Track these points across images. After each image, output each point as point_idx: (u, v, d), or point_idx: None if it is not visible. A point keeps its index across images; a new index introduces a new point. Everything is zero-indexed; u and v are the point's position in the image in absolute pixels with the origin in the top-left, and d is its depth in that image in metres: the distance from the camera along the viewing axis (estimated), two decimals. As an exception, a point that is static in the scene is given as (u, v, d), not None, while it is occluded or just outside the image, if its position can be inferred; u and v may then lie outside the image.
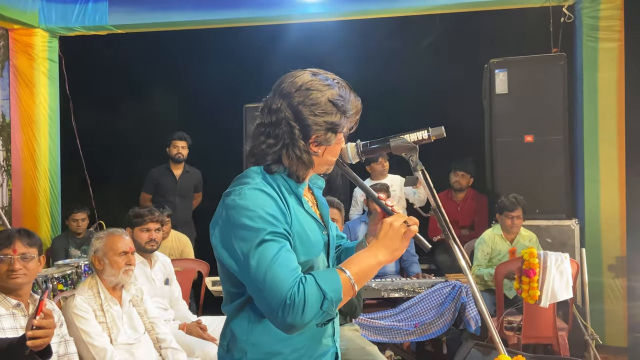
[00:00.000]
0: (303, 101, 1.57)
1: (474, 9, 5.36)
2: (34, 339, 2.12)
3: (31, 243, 2.65)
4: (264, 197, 1.52)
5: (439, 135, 1.69)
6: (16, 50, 5.78)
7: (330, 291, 1.45)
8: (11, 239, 2.61)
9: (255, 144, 1.62)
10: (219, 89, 6.16)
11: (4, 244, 2.59)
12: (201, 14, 5.62)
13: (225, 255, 1.53)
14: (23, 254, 2.60)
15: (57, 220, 5.93)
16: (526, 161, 4.91)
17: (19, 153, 5.82)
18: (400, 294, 4.16)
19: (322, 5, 5.43)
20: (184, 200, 5.80)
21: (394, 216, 1.58)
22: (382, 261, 1.54)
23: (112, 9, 5.63)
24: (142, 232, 3.75)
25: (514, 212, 4.49)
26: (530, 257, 3.74)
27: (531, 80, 4.95)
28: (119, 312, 3.07)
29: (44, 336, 2.15)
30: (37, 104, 5.81)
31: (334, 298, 1.46)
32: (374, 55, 5.99)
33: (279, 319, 1.44)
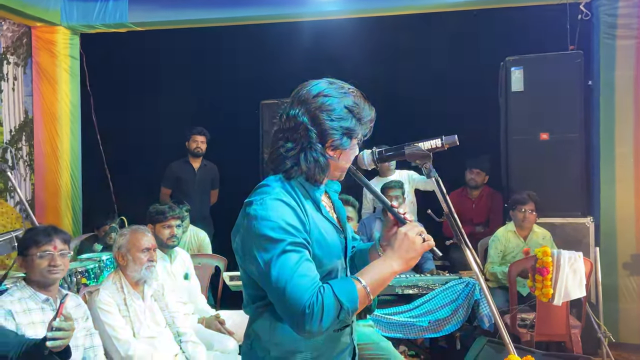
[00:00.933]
0: (320, 107, 1.64)
1: (489, 6, 5.36)
2: (53, 340, 2.22)
3: (66, 240, 2.78)
4: (284, 207, 1.59)
5: (452, 144, 1.74)
6: (39, 47, 5.90)
7: (346, 301, 1.53)
8: (51, 236, 2.72)
9: (274, 149, 1.69)
10: (235, 85, 6.24)
11: (45, 241, 2.70)
12: (218, 12, 5.69)
13: (247, 262, 1.61)
14: (61, 250, 2.73)
15: (79, 214, 6.06)
16: (542, 159, 4.92)
17: (42, 148, 5.95)
18: (414, 290, 4.21)
19: (336, 3, 5.46)
20: (202, 195, 5.93)
21: (408, 226, 1.64)
22: (396, 270, 1.61)
23: (132, 7, 5.72)
24: (164, 229, 3.85)
25: (526, 205, 4.52)
26: (544, 255, 3.77)
27: (547, 78, 4.94)
28: (141, 307, 3.18)
29: (63, 337, 2.25)
30: (59, 100, 5.93)
31: (350, 307, 1.54)
32: (388, 53, 6.01)
33: (298, 326, 1.53)
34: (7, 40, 5.67)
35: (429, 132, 1.96)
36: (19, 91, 5.83)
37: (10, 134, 5.71)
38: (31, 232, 2.79)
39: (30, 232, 2.80)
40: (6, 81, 5.65)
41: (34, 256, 2.69)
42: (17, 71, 5.81)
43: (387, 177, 5.46)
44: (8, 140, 5.66)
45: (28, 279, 2.73)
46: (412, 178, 5.54)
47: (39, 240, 2.71)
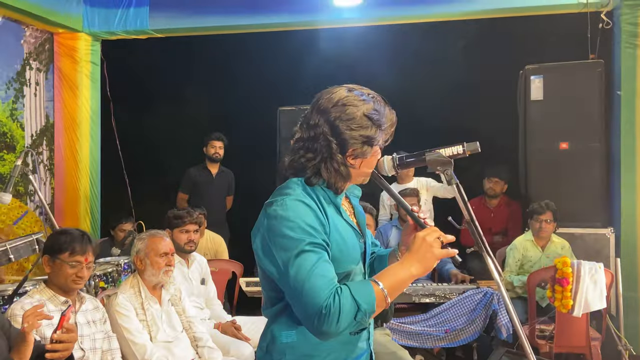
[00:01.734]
0: (340, 116, 1.64)
1: (509, 14, 5.33)
2: (52, 352, 2.22)
3: (94, 252, 2.79)
4: (304, 208, 1.59)
5: (474, 151, 1.73)
6: (60, 53, 5.99)
7: (364, 303, 1.52)
8: (86, 247, 2.72)
9: (295, 157, 1.69)
10: (253, 91, 6.27)
11: (79, 252, 2.70)
12: (238, 19, 5.74)
13: (266, 262, 1.61)
14: (89, 262, 2.74)
15: (97, 218, 6.12)
16: (561, 168, 4.88)
17: (62, 153, 6.03)
18: (431, 299, 4.18)
19: (355, 10, 5.47)
20: (219, 200, 5.97)
21: (426, 230, 1.63)
22: (414, 274, 1.59)
23: (152, 14, 5.79)
24: (182, 233, 3.87)
25: (543, 215, 4.48)
26: (564, 266, 3.73)
27: (567, 87, 4.90)
28: (158, 311, 3.19)
29: (62, 350, 2.25)
30: (79, 106, 6.00)
31: (367, 310, 1.52)
32: (407, 60, 6.00)
33: (315, 326, 1.51)
34: (30, 46, 5.75)
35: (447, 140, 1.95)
36: (41, 96, 5.91)
37: (31, 138, 5.79)
38: (67, 237, 2.73)
39: (65, 235, 2.74)
40: (28, 86, 5.74)
41: (64, 263, 2.68)
42: (39, 76, 5.90)
43: (406, 183, 5.44)
44: (29, 144, 5.74)
45: (49, 281, 2.75)
46: (431, 185, 5.52)
47: (74, 247, 2.69)
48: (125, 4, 5.81)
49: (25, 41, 5.69)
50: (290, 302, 1.58)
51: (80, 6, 5.82)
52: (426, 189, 5.46)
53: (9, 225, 5.30)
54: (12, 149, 5.51)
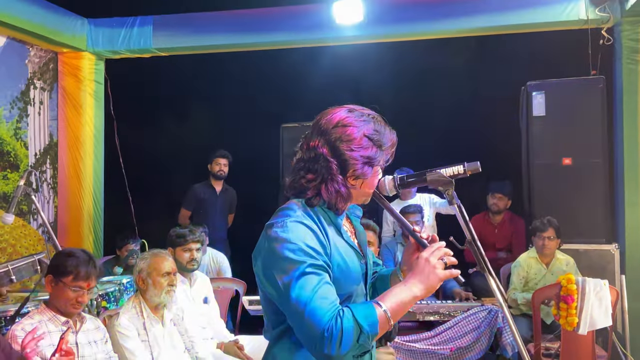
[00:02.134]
0: (340, 137, 1.64)
1: (510, 31, 5.36)
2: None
3: (98, 277, 2.79)
4: (305, 229, 1.58)
5: (475, 170, 1.73)
6: (65, 72, 6.03)
7: (367, 325, 1.50)
8: (90, 276, 2.71)
9: (295, 178, 1.69)
10: (256, 108, 6.30)
11: (83, 277, 2.69)
12: (241, 37, 5.78)
13: (267, 285, 1.60)
14: (91, 287, 2.74)
15: (100, 236, 6.11)
16: (564, 184, 4.86)
17: (65, 171, 6.04)
18: (435, 317, 4.16)
19: (357, 28, 5.50)
20: (222, 218, 5.97)
21: (429, 250, 1.62)
22: (418, 296, 1.58)
23: (156, 33, 5.83)
24: (184, 252, 3.86)
25: (545, 232, 4.46)
26: (568, 283, 3.69)
27: (569, 103, 4.91)
28: (160, 331, 3.17)
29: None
30: (83, 124, 6.03)
31: (370, 332, 1.51)
32: (409, 77, 6.03)
33: (317, 350, 1.50)
34: (34, 65, 5.80)
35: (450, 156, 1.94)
36: (45, 115, 5.95)
37: (35, 157, 5.81)
38: (73, 260, 2.71)
39: (71, 258, 2.72)
40: (32, 105, 5.78)
41: (66, 286, 2.68)
42: (44, 96, 5.94)
43: (408, 200, 5.43)
44: (33, 163, 5.76)
45: (49, 301, 2.75)
46: (433, 202, 5.51)
47: (79, 272, 2.68)
48: (129, 24, 5.86)
49: (30, 61, 5.74)
50: (291, 324, 1.57)
51: (84, 26, 5.88)
52: (429, 206, 5.45)
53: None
54: (16, 167, 5.53)
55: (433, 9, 5.42)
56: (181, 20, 5.87)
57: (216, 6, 5.78)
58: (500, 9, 5.23)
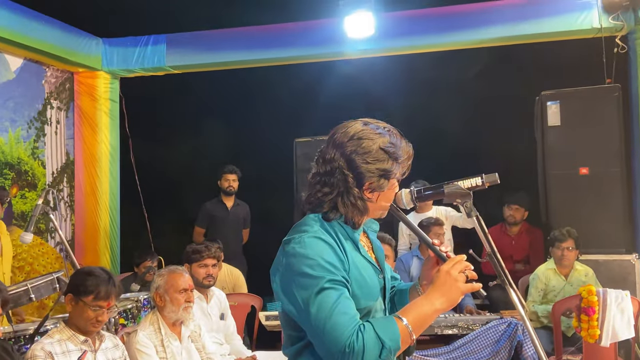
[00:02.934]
0: (355, 150, 1.63)
1: (523, 41, 5.35)
2: None
3: (118, 295, 2.77)
4: (323, 245, 1.58)
5: (493, 182, 1.71)
6: (80, 92, 6.12)
7: (388, 340, 1.49)
8: (110, 295, 2.70)
9: (312, 192, 1.68)
10: (269, 123, 6.32)
11: (104, 297, 2.68)
12: (253, 54, 5.83)
13: (285, 301, 1.59)
14: (111, 307, 2.74)
15: (117, 253, 6.15)
16: (582, 194, 4.82)
17: (82, 189, 6.10)
18: (454, 330, 4.10)
19: (369, 41, 5.52)
20: (235, 233, 5.97)
21: (449, 263, 1.61)
22: (439, 309, 1.56)
23: (169, 51, 5.91)
24: (200, 268, 3.86)
25: (564, 242, 4.40)
26: (589, 294, 3.65)
27: (585, 112, 4.88)
28: (178, 348, 3.17)
29: None
30: (99, 142, 6.10)
31: (392, 347, 1.49)
32: (422, 89, 6.03)
33: None
34: (51, 85, 5.89)
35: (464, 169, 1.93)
36: (61, 134, 6.02)
37: (52, 175, 5.87)
38: (93, 279, 2.70)
39: (92, 278, 2.71)
40: (49, 125, 5.85)
41: (86, 305, 2.67)
42: (60, 115, 6.01)
43: (425, 212, 5.39)
44: (50, 181, 5.83)
45: (69, 320, 2.75)
46: (450, 215, 5.46)
47: (99, 292, 2.67)
48: (143, 43, 5.94)
49: (47, 81, 5.83)
50: (312, 341, 1.56)
51: (99, 46, 5.97)
52: (445, 218, 5.41)
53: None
54: (34, 187, 5.59)
55: (444, 21, 5.43)
56: (194, 38, 5.94)
57: (228, 23, 5.85)
58: (512, 19, 5.22)
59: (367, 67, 6.00)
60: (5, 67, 5.30)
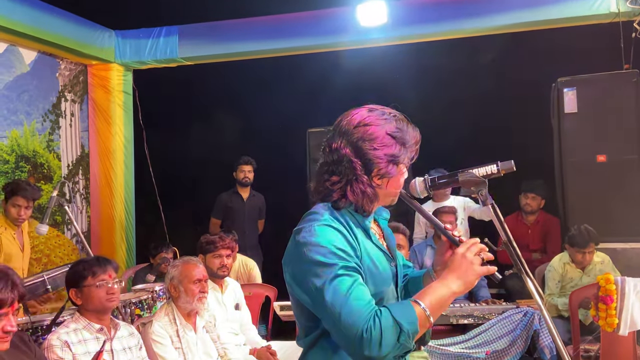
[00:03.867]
0: (362, 137, 1.61)
1: (538, 27, 5.27)
2: None
3: (117, 269, 2.84)
4: (334, 233, 1.56)
5: (509, 170, 1.68)
6: (94, 84, 6.14)
7: (406, 323, 1.47)
8: (105, 266, 2.78)
9: (320, 182, 1.67)
10: (282, 114, 6.30)
11: (100, 270, 2.75)
12: (265, 44, 5.81)
13: (299, 291, 1.58)
14: (115, 278, 2.78)
15: (132, 245, 6.19)
16: (599, 181, 4.74)
17: (97, 181, 6.15)
18: (469, 320, 4.08)
19: (381, 30, 5.48)
20: (251, 224, 5.98)
21: (464, 246, 1.59)
22: (455, 292, 1.54)
23: (181, 43, 5.91)
24: (214, 259, 3.86)
25: (586, 248, 4.30)
26: (607, 283, 3.58)
27: (602, 98, 4.79)
28: (193, 338, 3.18)
29: None
30: (113, 135, 6.13)
31: (410, 330, 1.47)
32: (435, 78, 5.97)
33: (357, 352, 1.46)
34: (65, 78, 5.92)
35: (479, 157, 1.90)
36: (76, 127, 6.06)
37: (67, 168, 5.92)
38: (83, 264, 2.81)
39: (80, 264, 2.82)
40: (64, 118, 5.89)
41: (91, 286, 2.72)
42: (74, 108, 6.05)
43: (442, 202, 5.35)
44: (66, 174, 5.87)
45: (82, 310, 2.77)
46: (468, 205, 5.40)
47: (94, 270, 2.75)
48: (155, 35, 5.94)
49: (60, 74, 5.86)
50: (328, 329, 1.54)
51: (112, 38, 5.98)
52: (463, 208, 5.36)
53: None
54: (50, 179, 5.63)
55: (457, 8, 5.35)
56: (206, 29, 5.93)
57: (240, 14, 5.83)
58: (527, 5, 5.15)
59: (380, 56, 5.96)
60: (20, 61, 5.34)
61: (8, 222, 4.14)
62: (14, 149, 5.23)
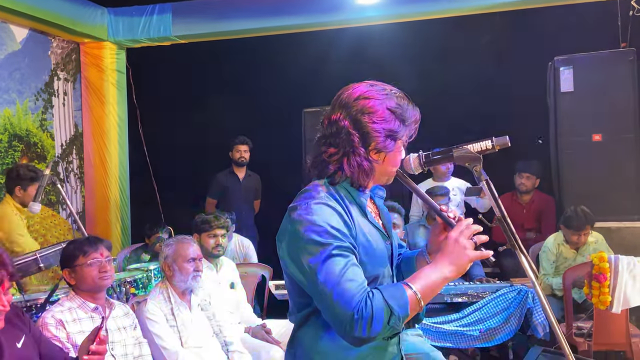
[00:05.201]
0: (361, 110, 1.60)
1: (535, 5, 5.22)
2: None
3: (109, 247, 2.86)
4: (330, 211, 1.55)
5: (504, 145, 1.67)
6: (87, 63, 6.07)
7: (397, 307, 1.47)
8: (96, 244, 2.79)
9: (317, 154, 1.66)
10: (278, 94, 6.26)
11: (91, 249, 2.76)
12: (260, 22, 5.74)
13: (292, 268, 1.57)
14: (107, 257, 2.78)
15: (127, 225, 6.18)
16: (595, 161, 4.75)
17: (91, 161, 6.11)
18: (463, 298, 4.11)
19: (378, 8, 5.42)
20: (247, 204, 5.98)
21: (457, 229, 1.58)
22: (448, 277, 1.54)
23: (175, 21, 5.83)
24: (209, 238, 3.86)
25: (583, 230, 4.31)
26: (601, 261, 3.61)
27: (599, 77, 4.77)
28: (188, 316, 3.19)
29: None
30: (106, 114, 6.08)
31: (401, 314, 1.48)
32: (432, 56, 5.92)
33: (347, 332, 1.47)
34: (57, 57, 5.85)
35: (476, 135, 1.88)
36: (69, 106, 6.01)
37: (61, 147, 5.88)
38: (74, 244, 2.82)
39: (72, 244, 2.84)
40: (57, 96, 5.83)
41: (83, 265, 2.73)
42: (67, 86, 5.99)
43: (442, 182, 5.33)
44: (59, 153, 5.83)
45: (77, 289, 2.78)
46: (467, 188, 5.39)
47: (85, 249, 2.76)
48: (149, 12, 5.86)
49: (53, 52, 5.79)
50: (320, 307, 1.54)
51: (104, 16, 5.90)
52: (462, 192, 5.34)
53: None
54: (43, 158, 5.60)
55: (454, -14, 5.29)
56: (199, 6, 5.85)
57: (234, -9, 5.75)
58: (524, -18, 5.09)
59: (376, 35, 5.90)
60: (11, 38, 5.27)
61: (17, 206, 4.14)
62: (6, 127, 5.19)
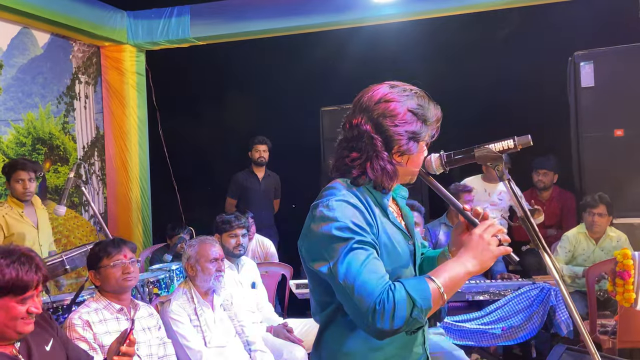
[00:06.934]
0: (383, 113, 1.60)
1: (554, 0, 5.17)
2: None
3: (133, 249, 2.90)
4: (351, 208, 1.56)
5: (526, 144, 1.66)
6: (107, 66, 6.15)
7: (420, 299, 1.47)
8: (120, 246, 2.83)
9: (339, 158, 1.66)
10: (295, 93, 6.28)
11: (115, 251, 2.81)
12: (277, 22, 5.76)
13: (315, 265, 1.57)
14: (131, 258, 2.83)
15: (149, 225, 6.24)
16: (616, 156, 4.69)
17: (113, 163, 6.19)
18: (485, 296, 4.08)
19: (394, 6, 5.41)
20: (267, 204, 6.00)
21: (482, 227, 1.58)
22: (471, 272, 1.54)
23: (193, 22, 5.88)
24: (230, 238, 3.89)
25: (596, 208, 4.32)
26: (624, 258, 3.55)
27: (619, 72, 4.71)
28: (211, 316, 3.22)
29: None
30: (127, 116, 6.16)
31: (423, 306, 1.47)
32: (451, 53, 5.89)
33: (369, 324, 1.46)
34: (78, 60, 5.93)
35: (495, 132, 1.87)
36: (90, 109, 6.09)
37: (83, 150, 5.96)
38: (99, 246, 2.87)
39: (97, 246, 2.89)
40: (79, 100, 5.92)
41: (107, 267, 2.77)
42: (88, 90, 6.07)
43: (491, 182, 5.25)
44: (81, 156, 5.92)
45: (102, 290, 2.82)
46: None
47: (109, 251, 2.80)
48: (167, 15, 5.92)
49: (74, 56, 5.87)
50: (342, 301, 1.54)
51: (124, 19, 5.97)
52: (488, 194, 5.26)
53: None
54: (66, 161, 5.69)
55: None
56: (217, 8, 5.89)
57: (251, -8, 5.77)
58: (543, -23, 5.04)
59: (393, 33, 5.89)
60: (34, 43, 5.35)
61: (14, 200, 4.16)
62: (30, 131, 5.28)
